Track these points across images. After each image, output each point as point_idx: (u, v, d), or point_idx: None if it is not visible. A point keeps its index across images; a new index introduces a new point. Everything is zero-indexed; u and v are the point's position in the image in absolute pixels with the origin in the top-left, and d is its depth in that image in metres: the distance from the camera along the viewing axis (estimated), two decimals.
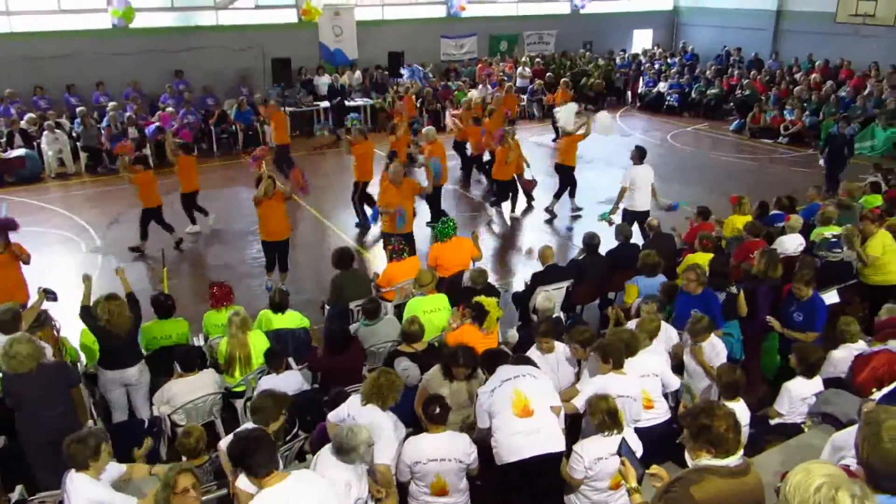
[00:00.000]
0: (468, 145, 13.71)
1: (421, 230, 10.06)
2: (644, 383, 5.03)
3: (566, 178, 11.97)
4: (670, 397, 5.50)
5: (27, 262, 7.53)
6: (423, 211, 11.35)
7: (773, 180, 13.50)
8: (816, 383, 5.24)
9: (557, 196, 12.03)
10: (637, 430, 4.70)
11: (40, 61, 15.84)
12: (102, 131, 14.89)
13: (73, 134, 14.89)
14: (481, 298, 6.09)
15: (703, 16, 24.93)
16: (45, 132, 14.20)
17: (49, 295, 6.38)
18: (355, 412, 4.52)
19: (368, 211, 11.26)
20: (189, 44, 17.56)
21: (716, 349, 5.67)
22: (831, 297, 6.78)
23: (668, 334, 5.98)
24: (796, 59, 20.94)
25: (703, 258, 7.34)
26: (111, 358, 5.95)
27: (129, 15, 16.53)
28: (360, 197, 11.49)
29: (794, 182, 13.26)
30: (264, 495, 3.52)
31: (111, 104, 15.51)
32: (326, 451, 4.13)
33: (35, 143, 14.20)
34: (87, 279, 6.30)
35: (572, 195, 12.11)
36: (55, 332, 6.15)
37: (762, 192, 11.76)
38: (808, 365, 5.18)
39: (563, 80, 16.73)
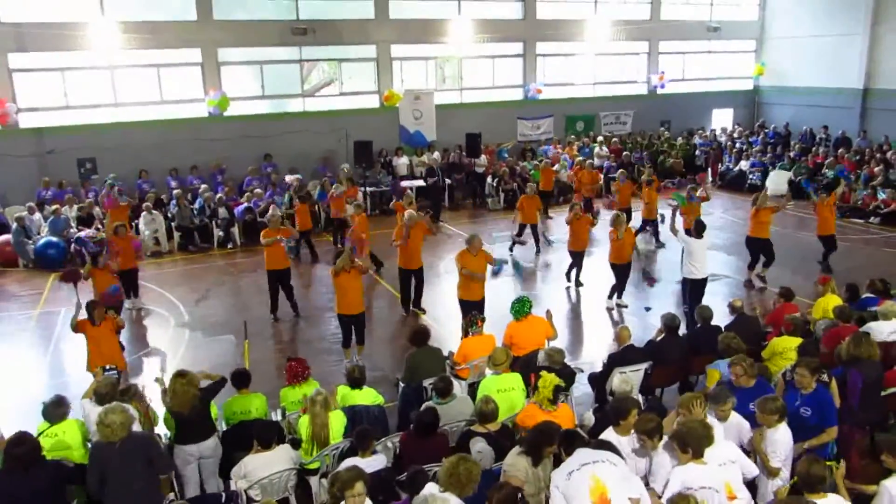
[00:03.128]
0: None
1: (495, 311, 10.04)
2: (724, 473, 4.73)
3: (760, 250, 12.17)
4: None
5: (121, 327, 8.46)
6: (503, 290, 11.37)
7: (864, 262, 12.92)
8: None
9: (751, 266, 12.29)
10: None
11: (143, 148, 17.04)
12: (194, 211, 15.78)
13: (169, 215, 15.80)
14: (542, 374, 6.01)
15: (785, 95, 24.67)
16: (143, 213, 15.14)
17: (108, 372, 6.86)
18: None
19: None
20: (278, 129, 18.57)
21: (781, 441, 5.24)
22: None
23: (741, 427, 5.52)
24: (886, 136, 20.32)
25: (790, 342, 7.04)
26: (184, 432, 6.13)
27: (224, 104, 17.71)
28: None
29: (888, 264, 12.66)
30: None
31: (203, 186, 16.46)
32: None
33: (134, 224, 15.13)
34: (159, 382, 6.56)
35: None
36: (144, 403, 6.39)
37: (853, 274, 11.30)
38: None
39: (620, 171, 16.64)
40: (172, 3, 17.43)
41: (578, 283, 12.42)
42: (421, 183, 18.62)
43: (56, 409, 6.01)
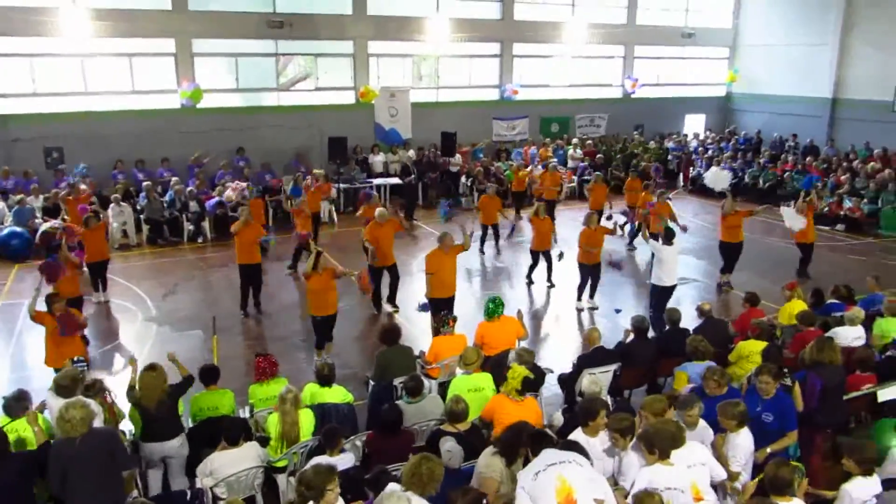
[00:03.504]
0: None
1: (465, 310, 10.08)
2: (692, 474, 4.78)
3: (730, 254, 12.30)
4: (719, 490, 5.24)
5: (84, 326, 8.14)
6: (473, 290, 11.39)
7: (829, 269, 13.17)
8: (875, 483, 4.91)
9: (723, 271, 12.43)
10: None
11: (113, 138, 16.76)
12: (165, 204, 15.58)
13: (138, 207, 15.55)
14: (512, 366, 6.04)
15: (757, 102, 25.08)
16: (111, 205, 14.87)
17: (78, 364, 6.71)
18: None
19: None
20: (251, 123, 18.39)
21: (742, 445, 5.31)
22: (891, 392, 6.47)
23: (706, 433, 5.57)
24: (852, 146, 20.74)
25: (755, 346, 7.15)
26: (149, 430, 6.05)
27: (197, 96, 17.48)
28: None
29: (853, 270, 12.92)
30: None
31: (174, 179, 16.23)
32: None
33: (101, 216, 14.82)
34: (132, 361, 6.56)
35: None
36: (108, 399, 6.28)
37: (819, 280, 11.52)
38: (865, 463, 4.88)
39: (596, 173, 16.79)
40: None
41: (550, 284, 12.51)
42: (396, 181, 18.60)
43: (17, 404, 5.89)
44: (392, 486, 4.58)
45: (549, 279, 12.52)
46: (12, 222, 14.25)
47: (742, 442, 5.32)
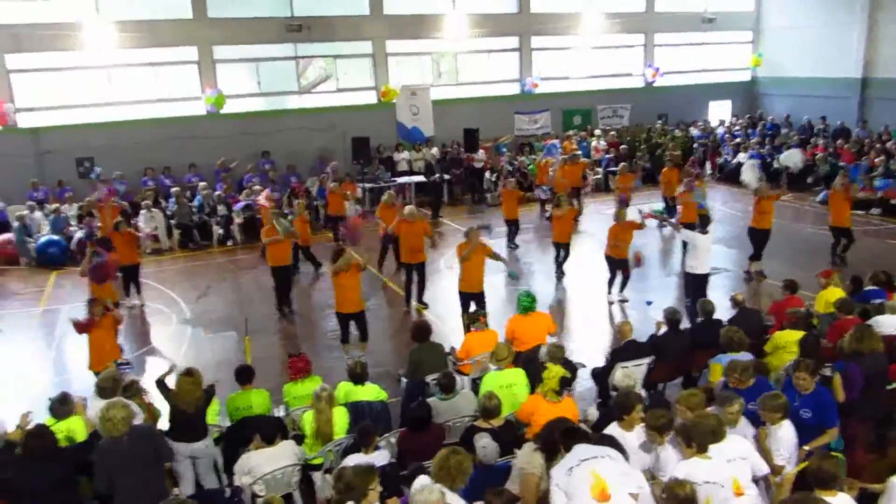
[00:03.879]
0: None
1: (493, 304, 10.08)
2: (732, 468, 4.70)
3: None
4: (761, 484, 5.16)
5: (119, 321, 8.40)
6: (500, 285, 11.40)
7: (866, 254, 12.91)
8: None
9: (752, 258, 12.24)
10: None
11: (140, 147, 17.03)
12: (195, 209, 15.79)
13: (168, 212, 15.78)
14: (548, 366, 6.03)
15: (783, 86, 24.68)
16: (142, 211, 15.12)
17: (123, 367, 6.80)
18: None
19: None
20: (274, 126, 18.54)
21: (785, 438, 5.21)
22: None
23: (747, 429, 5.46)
24: (886, 126, 20.31)
25: (792, 336, 7.03)
26: (178, 430, 6.13)
27: (220, 102, 17.69)
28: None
29: (890, 256, 12.66)
30: None
31: (202, 184, 16.44)
32: None
33: (133, 221, 15.07)
34: (171, 370, 6.65)
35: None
36: (145, 400, 6.39)
37: (855, 266, 11.31)
38: None
39: (622, 164, 16.69)
40: (167, 2, 17.39)
41: (561, 272, 12.50)
42: (420, 178, 18.63)
43: (62, 406, 6.03)
44: (422, 480, 4.61)
45: (560, 267, 12.55)
46: (49, 231, 14.56)
47: (785, 434, 5.23)
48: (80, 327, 7.98)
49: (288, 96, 19.35)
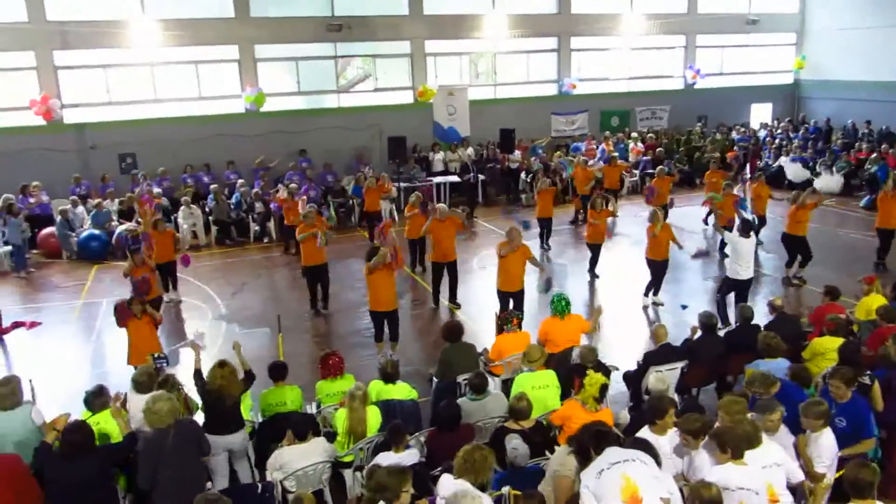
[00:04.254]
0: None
1: (528, 305, 10.03)
2: (767, 475, 4.63)
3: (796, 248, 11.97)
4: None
5: (159, 322, 8.57)
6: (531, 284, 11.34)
7: None
8: None
9: (789, 265, 12.09)
10: None
11: (181, 143, 17.35)
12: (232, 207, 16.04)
13: (206, 209, 16.04)
14: (589, 373, 5.97)
15: (826, 89, 24.14)
16: (181, 207, 15.40)
17: (159, 361, 6.91)
18: (444, 488, 4.47)
19: None
20: (312, 125, 18.73)
21: (826, 445, 5.09)
22: None
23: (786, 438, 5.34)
24: None
25: (831, 343, 6.88)
26: (217, 423, 6.20)
27: (260, 100, 17.93)
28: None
29: None
30: None
31: (240, 181, 16.69)
32: None
33: (173, 218, 15.38)
34: (194, 346, 6.77)
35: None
36: (183, 393, 6.50)
37: None
38: None
39: (659, 167, 16.49)
40: (210, 1, 17.67)
41: (594, 275, 12.47)
42: (454, 178, 18.64)
43: (97, 399, 6.15)
44: (446, 479, 4.60)
45: (591, 270, 12.51)
46: (91, 225, 14.91)
47: (826, 442, 5.11)
48: (121, 319, 8.15)
49: (325, 95, 19.52)
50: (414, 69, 19.95)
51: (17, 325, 10.94)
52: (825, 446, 5.10)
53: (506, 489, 4.95)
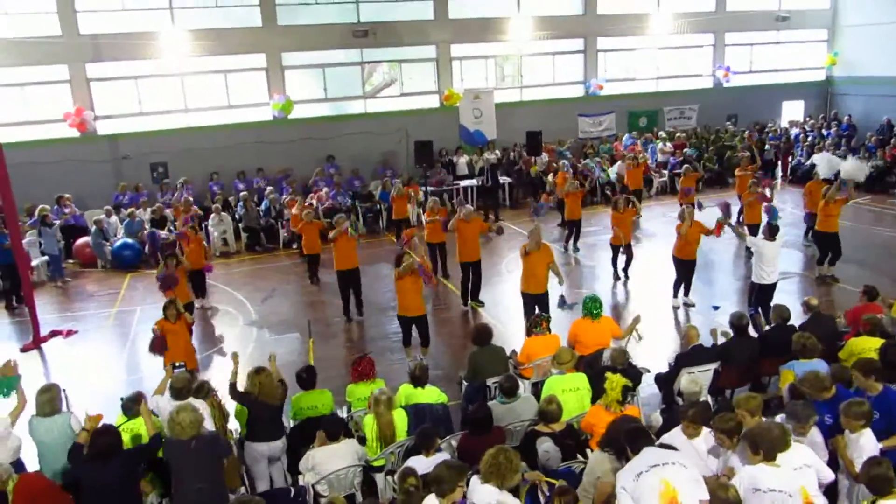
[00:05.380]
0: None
1: (552, 306, 9.98)
2: (799, 477, 4.56)
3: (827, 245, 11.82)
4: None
5: (191, 324, 8.75)
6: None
7: None
8: None
9: (820, 262, 11.93)
10: None
11: (211, 152, 17.58)
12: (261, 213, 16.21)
13: (236, 216, 16.23)
14: (608, 375, 5.93)
15: (860, 85, 23.65)
16: (212, 215, 15.60)
17: (177, 369, 7.06)
18: (475, 492, 4.45)
19: None
20: (339, 131, 18.86)
21: (867, 447, 4.98)
22: None
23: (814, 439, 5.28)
24: None
25: (869, 343, 6.74)
26: (261, 430, 6.27)
27: (287, 107, 18.11)
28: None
29: None
30: None
31: (268, 188, 16.87)
32: None
33: (203, 225, 15.57)
34: (235, 357, 6.82)
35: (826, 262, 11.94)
36: (217, 399, 6.57)
37: None
38: None
39: (685, 165, 16.32)
40: (238, 11, 17.89)
41: (616, 276, 12.45)
42: (473, 182, 18.59)
43: (134, 405, 6.24)
44: (473, 482, 4.60)
45: (625, 271, 12.44)
46: (124, 234, 15.18)
47: (867, 443, 5.00)
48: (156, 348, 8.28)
49: (353, 101, 19.65)
50: (440, 73, 19.99)
51: (54, 333, 11.17)
52: (866, 448, 4.99)
53: (533, 474, 4.95)
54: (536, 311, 9.24)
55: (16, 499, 5.13)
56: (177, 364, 7.50)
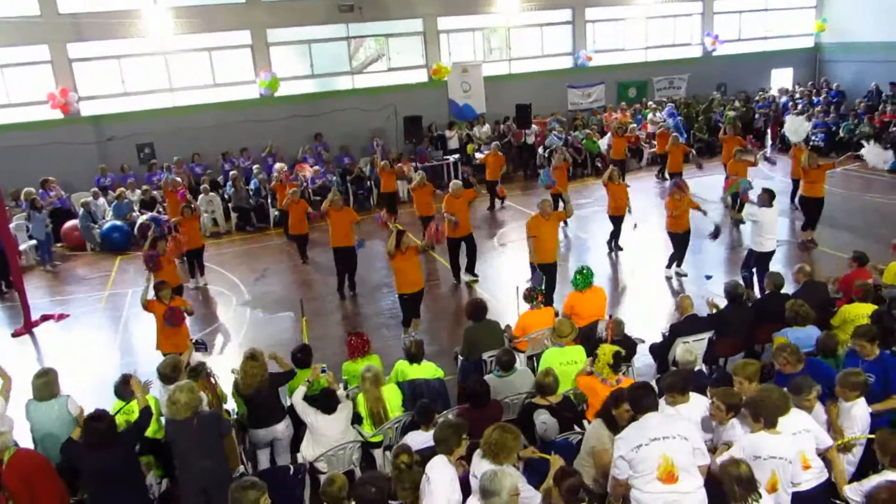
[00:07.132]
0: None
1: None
2: (798, 442, 4.60)
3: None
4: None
5: (191, 314, 8.47)
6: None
7: None
8: None
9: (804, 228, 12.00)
10: (796, 495, 4.33)
11: (198, 132, 17.39)
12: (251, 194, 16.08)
13: (226, 196, 16.11)
14: (601, 347, 5.95)
15: (848, 52, 23.59)
16: (201, 195, 15.47)
17: (199, 346, 6.94)
18: (477, 467, 4.49)
19: None
20: (327, 107, 18.67)
21: (859, 416, 5.02)
22: None
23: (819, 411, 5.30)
24: None
25: (862, 309, 6.78)
26: (257, 416, 6.31)
27: (274, 85, 17.88)
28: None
29: None
30: None
31: (255, 167, 16.72)
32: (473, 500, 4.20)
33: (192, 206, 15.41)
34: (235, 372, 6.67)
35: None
36: (212, 381, 6.56)
37: None
38: None
39: (673, 135, 16.22)
40: None
41: (618, 248, 12.41)
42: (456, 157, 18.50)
43: (125, 388, 6.19)
44: (476, 457, 4.61)
45: (616, 243, 12.43)
46: (112, 217, 15.04)
47: (858, 413, 5.05)
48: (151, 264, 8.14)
49: (340, 77, 19.42)
50: (427, 47, 19.76)
51: (45, 317, 11.10)
52: (858, 417, 5.05)
53: (526, 452, 4.99)
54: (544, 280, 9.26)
55: (7, 473, 5.09)
56: (197, 340, 7.38)
